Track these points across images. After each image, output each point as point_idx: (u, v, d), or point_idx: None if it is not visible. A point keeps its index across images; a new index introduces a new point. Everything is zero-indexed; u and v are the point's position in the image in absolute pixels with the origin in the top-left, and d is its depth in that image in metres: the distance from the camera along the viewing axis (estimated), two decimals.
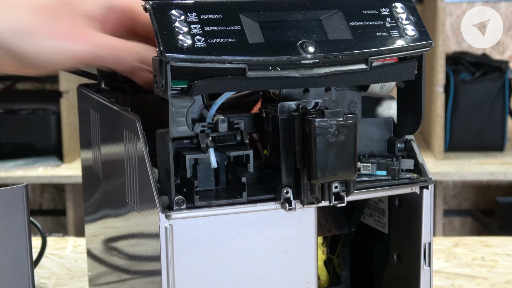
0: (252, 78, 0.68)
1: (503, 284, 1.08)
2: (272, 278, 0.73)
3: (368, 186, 0.76)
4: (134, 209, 0.75)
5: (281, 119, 0.70)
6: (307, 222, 0.73)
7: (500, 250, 1.22)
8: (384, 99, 0.84)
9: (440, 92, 2.44)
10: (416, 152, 0.79)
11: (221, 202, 0.70)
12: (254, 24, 0.70)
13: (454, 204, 3.04)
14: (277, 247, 0.73)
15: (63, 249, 1.24)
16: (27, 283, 0.75)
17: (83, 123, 0.97)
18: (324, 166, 0.68)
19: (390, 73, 0.74)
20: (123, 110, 0.77)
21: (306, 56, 0.69)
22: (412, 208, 0.79)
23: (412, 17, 0.75)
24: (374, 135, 0.80)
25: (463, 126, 2.55)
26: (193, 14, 0.68)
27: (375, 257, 0.89)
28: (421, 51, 0.74)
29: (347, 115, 0.68)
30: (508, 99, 2.56)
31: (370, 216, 0.88)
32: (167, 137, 0.69)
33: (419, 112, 0.77)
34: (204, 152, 0.70)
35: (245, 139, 0.71)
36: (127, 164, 0.76)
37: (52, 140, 2.62)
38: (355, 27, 0.73)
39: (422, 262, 0.78)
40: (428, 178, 0.78)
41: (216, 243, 0.70)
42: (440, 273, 1.13)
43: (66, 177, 2.50)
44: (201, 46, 0.67)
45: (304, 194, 0.70)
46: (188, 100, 0.68)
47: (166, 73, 0.67)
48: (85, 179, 0.99)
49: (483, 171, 2.40)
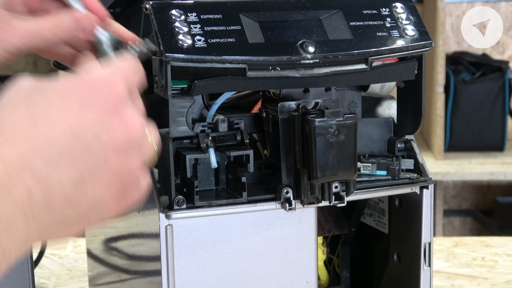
0: (252, 78, 0.68)
1: (503, 284, 1.08)
2: (272, 278, 0.73)
3: (368, 186, 0.76)
4: (134, 209, 0.75)
5: (281, 119, 0.70)
6: (307, 222, 0.73)
7: (500, 250, 1.22)
8: (384, 99, 0.84)
9: (440, 92, 2.44)
10: (416, 152, 0.79)
11: (221, 202, 0.70)
12: (254, 24, 0.70)
13: (454, 204, 3.04)
14: (277, 247, 0.73)
15: (63, 249, 1.24)
16: (27, 283, 0.75)
17: None
18: (324, 166, 0.68)
19: (390, 73, 0.74)
20: None
21: (306, 56, 0.69)
22: (412, 208, 0.79)
23: (412, 17, 0.75)
24: (374, 135, 0.80)
25: (463, 126, 2.54)
26: (193, 14, 0.68)
27: (375, 257, 0.89)
28: (421, 51, 0.74)
29: (347, 115, 0.68)
30: (508, 99, 2.55)
31: (370, 216, 0.88)
32: (167, 137, 0.69)
33: (419, 112, 0.77)
34: (204, 152, 0.70)
35: (245, 139, 0.71)
36: None
37: None
38: (355, 27, 0.73)
39: (422, 262, 0.78)
40: (428, 178, 0.78)
41: (216, 243, 0.70)
42: (440, 273, 1.13)
43: None
44: (201, 46, 0.67)
45: (304, 194, 0.70)
46: (188, 100, 0.68)
47: (166, 73, 0.67)
48: None
49: (483, 171, 2.40)
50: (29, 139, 0.49)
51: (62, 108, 0.51)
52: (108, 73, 0.54)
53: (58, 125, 0.50)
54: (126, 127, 0.53)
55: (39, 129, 0.50)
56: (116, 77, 0.54)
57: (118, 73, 0.54)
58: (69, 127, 0.50)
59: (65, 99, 0.52)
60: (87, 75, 0.54)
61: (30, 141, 0.49)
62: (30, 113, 0.50)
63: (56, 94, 0.52)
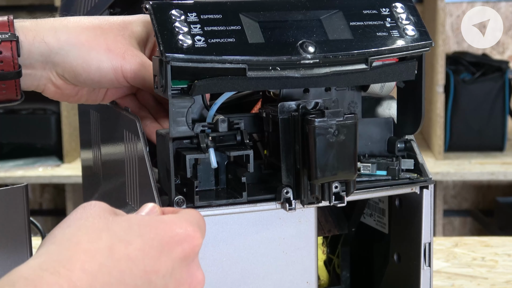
0: (252, 78, 0.68)
1: (503, 284, 1.08)
2: (272, 278, 0.73)
3: (368, 186, 0.76)
4: (134, 209, 0.75)
5: (281, 119, 0.70)
6: (307, 222, 0.73)
7: (500, 250, 1.22)
8: (384, 99, 0.84)
9: (440, 92, 2.44)
10: (416, 152, 0.79)
11: (221, 202, 0.70)
12: (254, 24, 0.70)
13: (454, 204, 3.04)
14: (277, 247, 0.73)
15: None
16: None
17: (83, 123, 0.97)
18: (324, 166, 0.68)
19: (390, 73, 0.74)
20: (123, 110, 0.77)
21: (306, 56, 0.69)
22: (412, 208, 0.79)
23: (412, 17, 0.75)
24: (374, 135, 0.80)
25: (463, 126, 2.54)
26: (193, 14, 0.68)
27: (375, 257, 0.89)
28: (421, 51, 0.74)
29: (347, 115, 0.68)
30: (508, 99, 2.55)
31: (370, 216, 0.88)
32: (167, 137, 0.69)
33: (419, 112, 0.77)
34: (204, 152, 0.70)
35: (245, 139, 0.71)
36: (127, 164, 0.76)
37: (52, 140, 2.62)
38: (355, 27, 0.72)
39: (422, 262, 0.78)
40: (428, 178, 0.78)
41: (216, 243, 0.70)
42: (440, 273, 1.13)
43: (66, 177, 2.50)
44: (201, 46, 0.67)
45: (304, 194, 0.70)
46: (188, 100, 0.68)
47: (166, 73, 0.67)
48: (85, 179, 0.99)
49: (483, 171, 2.40)
50: (104, 271, 0.50)
51: (142, 249, 0.53)
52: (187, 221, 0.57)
53: (135, 265, 0.52)
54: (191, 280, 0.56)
55: (116, 264, 0.51)
56: (195, 228, 0.56)
57: (196, 225, 0.57)
58: (145, 271, 0.52)
59: (146, 239, 0.53)
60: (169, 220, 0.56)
61: (104, 272, 0.50)
62: (110, 244, 0.52)
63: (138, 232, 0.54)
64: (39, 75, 0.77)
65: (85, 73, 0.75)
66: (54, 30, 0.75)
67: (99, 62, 0.75)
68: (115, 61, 0.75)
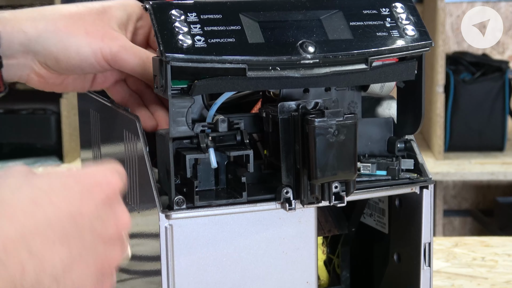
0: (252, 78, 0.68)
1: (503, 284, 1.08)
2: (272, 278, 0.73)
3: (368, 186, 0.76)
4: (134, 209, 0.75)
5: (281, 119, 0.70)
6: (307, 222, 0.73)
7: (500, 250, 1.22)
8: (384, 99, 0.84)
9: (440, 92, 2.44)
10: (416, 152, 0.79)
11: (221, 202, 0.70)
12: (254, 24, 0.70)
13: (454, 204, 3.04)
14: (277, 247, 0.73)
15: None
16: None
17: (83, 123, 0.97)
18: (324, 166, 0.68)
19: (390, 73, 0.74)
20: (123, 110, 0.77)
21: (306, 56, 0.69)
22: (412, 208, 0.79)
23: (412, 17, 0.75)
24: (374, 135, 0.80)
25: (463, 126, 2.54)
26: (193, 14, 0.68)
27: (375, 257, 0.89)
28: (421, 51, 0.74)
29: (347, 115, 0.68)
30: (508, 99, 2.55)
31: (370, 216, 0.88)
32: (167, 137, 0.69)
33: (419, 112, 0.77)
34: (204, 152, 0.70)
35: (245, 139, 0.71)
36: (127, 164, 0.76)
37: (52, 140, 2.62)
38: (355, 27, 0.72)
39: (422, 262, 0.78)
40: (428, 178, 0.78)
41: (216, 243, 0.70)
42: (440, 273, 1.13)
43: None
44: (201, 46, 0.67)
45: (304, 194, 0.70)
46: (188, 100, 0.68)
47: (166, 73, 0.67)
48: None
49: (483, 171, 2.40)
50: (30, 218, 0.52)
51: (64, 195, 0.55)
52: (105, 169, 0.59)
53: (59, 209, 0.54)
54: (116, 221, 0.57)
55: (41, 210, 0.53)
56: (113, 173, 0.58)
57: (114, 171, 0.59)
58: (69, 212, 0.54)
59: (67, 186, 0.56)
60: (87, 169, 0.59)
61: (31, 219, 0.52)
62: (33, 195, 0.54)
63: (58, 181, 0.56)
64: (22, 65, 0.77)
65: (66, 59, 0.76)
66: (32, 19, 0.76)
67: (78, 47, 0.75)
68: (94, 44, 0.75)
